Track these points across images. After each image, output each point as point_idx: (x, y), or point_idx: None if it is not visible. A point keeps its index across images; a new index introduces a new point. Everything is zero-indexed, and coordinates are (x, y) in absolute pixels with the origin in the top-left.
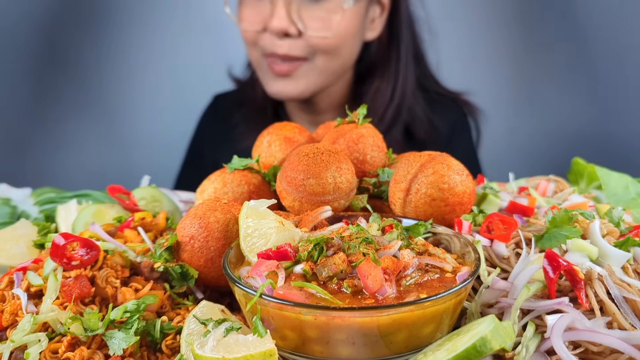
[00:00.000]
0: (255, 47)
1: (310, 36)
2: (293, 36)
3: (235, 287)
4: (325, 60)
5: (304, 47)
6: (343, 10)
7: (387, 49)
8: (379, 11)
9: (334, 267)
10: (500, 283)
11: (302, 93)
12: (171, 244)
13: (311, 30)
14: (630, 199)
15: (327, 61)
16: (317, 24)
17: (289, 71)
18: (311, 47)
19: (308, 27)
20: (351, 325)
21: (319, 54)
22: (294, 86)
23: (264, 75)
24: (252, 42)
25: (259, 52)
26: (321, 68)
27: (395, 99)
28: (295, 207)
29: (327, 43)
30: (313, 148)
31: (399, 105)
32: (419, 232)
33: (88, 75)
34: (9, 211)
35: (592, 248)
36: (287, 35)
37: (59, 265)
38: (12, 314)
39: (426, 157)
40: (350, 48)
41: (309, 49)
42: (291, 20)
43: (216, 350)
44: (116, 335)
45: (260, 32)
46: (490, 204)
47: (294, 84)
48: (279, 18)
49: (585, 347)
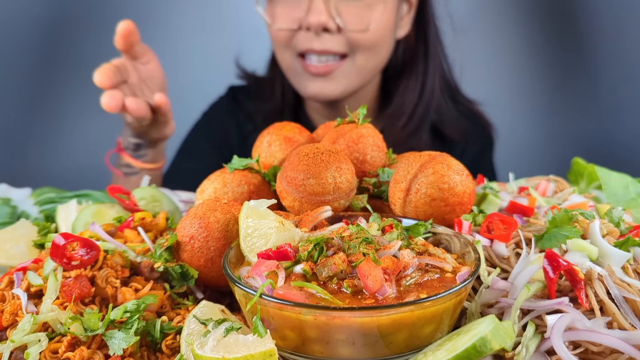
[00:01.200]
0: (288, 48)
1: (350, 31)
2: (332, 32)
3: (235, 287)
4: (365, 57)
5: (343, 43)
6: (384, 3)
7: (415, 47)
8: (406, 9)
9: (334, 267)
10: (500, 283)
11: (342, 94)
12: (171, 244)
13: (350, 25)
14: (630, 199)
15: (367, 59)
16: (356, 19)
17: (328, 71)
18: (350, 44)
19: (347, 22)
20: (351, 325)
21: (358, 51)
22: (333, 87)
23: (298, 78)
24: (286, 42)
25: (292, 53)
26: (360, 66)
27: (424, 96)
28: (295, 207)
29: (366, 38)
30: (313, 148)
31: (427, 104)
32: (419, 232)
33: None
34: (9, 211)
35: (592, 248)
36: (326, 30)
37: (59, 265)
38: (12, 314)
39: (426, 157)
40: (387, 44)
41: (348, 45)
42: (330, 14)
43: (216, 350)
44: (116, 335)
45: (295, 31)
46: (490, 204)
47: (333, 84)
48: (317, 12)
49: (585, 347)
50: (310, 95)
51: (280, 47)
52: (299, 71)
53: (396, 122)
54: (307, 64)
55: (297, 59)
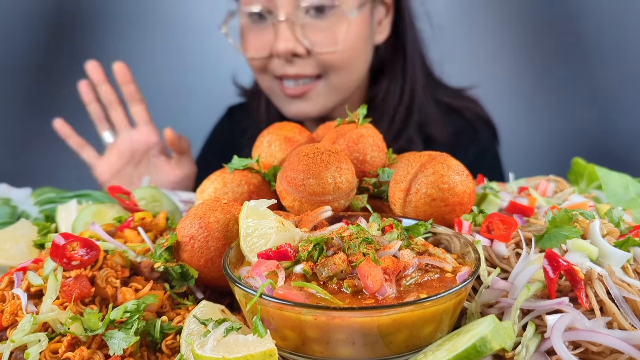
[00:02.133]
0: (265, 73)
1: (319, 53)
2: (302, 56)
3: (235, 287)
4: (339, 76)
5: (314, 65)
6: (348, 21)
7: (392, 49)
8: (384, 12)
9: (334, 267)
10: (500, 283)
11: (321, 112)
12: (171, 244)
13: (318, 47)
14: (630, 199)
15: (340, 77)
16: (323, 39)
17: (304, 92)
18: (322, 65)
19: (315, 44)
20: (351, 325)
21: (331, 71)
22: (311, 107)
23: (278, 100)
24: (261, 69)
25: (269, 77)
26: (335, 85)
27: (404, 98)
28: (295, 207)
29: (336, 58)
30: (313, 148)
31: (409, 105)
32: (419, 232)
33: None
34: (9, 211)
35: (592, 248)
36: (296, 55)
37: (59, 265)
38: (12, 314)
39: (426, 157)
40: (363, 58)
41: (320, 67)
42: (297, 39)
43: (216, 350)
44: (116, 335)
45: (268, 58)
46: (490, 204)
47: (311, 104)
48: (284, 40)
49: (585, 347)
50: (291, 115)
51: (258, 74)
52: (278, 93)
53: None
54: (284, 87)
55: (274, 81)
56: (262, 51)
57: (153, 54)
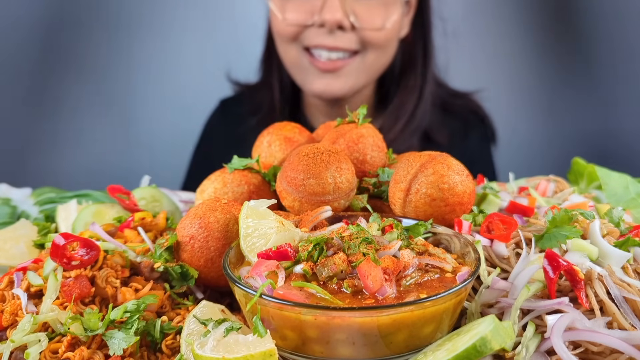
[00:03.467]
0: (294, 42)
1: (364, 29)
2: (345, 29)
3: (235, 287)
4: (376, 55)
5: (355, 40)
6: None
7: (413, 47)
8: (406, 10)
9: (334, 267)
10: (500, 283)
11: (349, 91)
12: (171, 244)
13: (365, 24)
14: (630, 199)
15: (377, 57)
16: (371, 17)
17: (336, 67)
18: (363, 42)
19: (362, 21)
20: (351, 325)
21: (370, 49)
22: (341, 84)
23: (304, 74)
24: (293, 37)
25: (298, 47)
26: (369, 64)
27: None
28: (295, 207)
29: (380, 37)
30: (313, 148)
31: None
32: (419, 232)
33: (89, 76)
34: (9, 211)
35: (592, 248)
36: (341, 28)
37: (59, 265)
38: (12, 314)
39: (426, 157)
40: (395, 43)
41: (360, 43)
42: (345, 12)
43: (216, 350)
44: (116, 335)
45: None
46: (490, 204)
47: (341, 81)
48: (333, 9)
49: (585, 347)
50: (315, 92)
51: (285, 42)
52: (305, 66)
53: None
54: (314, 59)
55: (303, 53)
56: (304, 17)
57: (153, 53)
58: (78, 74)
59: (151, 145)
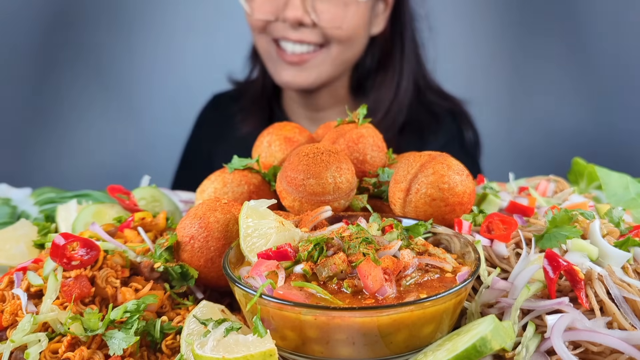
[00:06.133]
0: (263, 33)
1: (324, 27)
2: (307, 26)
3: (235, 287)
4: (340, 49)
5: (319, 34)
6: (357, 3)
7: (391, 44)
8: (382, 7)
9: (334, 267)
10: (500, 283)
11: (314, 83)
12: (171, 244)
13: (325, 22)
14: (630, 199)
15: (342, 50)
16: (330, 16)
17: (301, 61)
18: (325, 37)
19: (322, 19)
20: (351, 325)
21: (334, 43)
22: (305, 76)
23: (273, 64)
24: (261, 29)
25: (268, 38)
26: (335, 57)
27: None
28: (295, 207)
29: (340, 34)
30: (313, 148)
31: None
32: (419, 232)
33: (89, 76)
34: (9, 211)
35: (592, 248)
36: (302, 24)
37: (59, 265)
38: (12, 314)
39: (426, 157)
40: (361, 39)
41: (323, 37)
42: (305, 10)
43: (216, 350)
44: (116, 335)
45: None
46: (490, 204)
47: (305, 74)
48: (294, 7)
49: (585, 347)
50: (283, 82)
51: (256, 33)
52: (274, 57)
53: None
54: (282, 51)
55: (271, 44)
56: (269, 14)
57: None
58: (78, 74)
59: (151, 145)
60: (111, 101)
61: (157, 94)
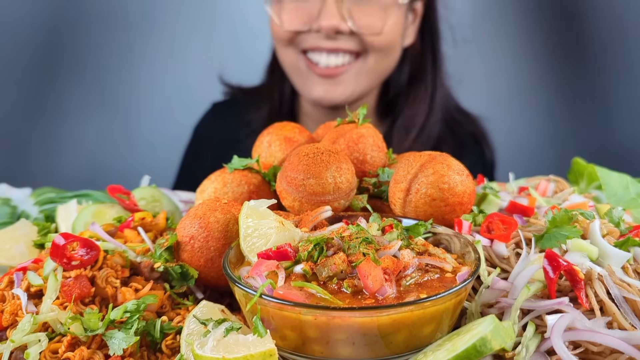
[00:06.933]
0: (290, 46)
1: (362, 34)
2: (343, 33)
3: (235, 287)
4: (377, 59)
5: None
6: (398, 7)
7: (421, 57)
8: (411, 18)
9: (334, 267)
10: (500, 283)
11: (348, 99)
12: (171, 244)
13: (363, 29)
14: (630, 199)
15: (379, 60)
16: (369, 22)
17: (336, 74)
18: (363, 44)
19: (360, 26)
20: (351, 325)
21: (371, 52)
22: (340, 91)
23: (303, 79)
24: (289, 41)
25: (296, 50)
26: (371, 68)
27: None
28: (295, 207)
29: (380, 40)
30: (313, 148)
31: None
32: (419, 232)
33: (88, 76)
34: (9, 211)
35: (592, 248)
36: (339, 33)
37: (59, 265)
38: (12, 314)
39: (426, 157)
40: (397, 49)
41: (361, 45)
42: (342, 17)
43: (216, 350)
44: (116, 335)
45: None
46: (490, 204)
47: (341, 88)
48: (330, 15)
49: (585, 347)
50: (315, 98)
51: (283, 45)
52: (303, 70)
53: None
54: (313, 65)
55: (301, 56)
56: (301, 24)
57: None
58: (78, 74)
59: (151, 145)
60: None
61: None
